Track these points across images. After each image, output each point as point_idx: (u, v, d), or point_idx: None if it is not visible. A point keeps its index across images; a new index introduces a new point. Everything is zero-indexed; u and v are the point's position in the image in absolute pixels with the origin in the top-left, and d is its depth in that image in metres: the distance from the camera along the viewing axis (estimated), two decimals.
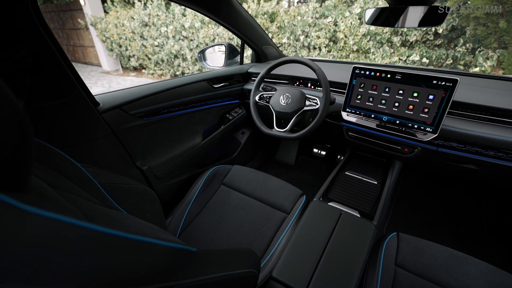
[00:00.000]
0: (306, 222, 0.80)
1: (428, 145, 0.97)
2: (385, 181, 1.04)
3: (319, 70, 1.01)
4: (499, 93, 0.94)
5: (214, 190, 1.08)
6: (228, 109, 1.47)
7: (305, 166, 1.89)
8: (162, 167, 1.13)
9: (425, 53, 3.72)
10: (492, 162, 0.89)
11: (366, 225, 0.78)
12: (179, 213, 0.97)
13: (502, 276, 0.70)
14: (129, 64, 6.95)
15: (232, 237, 0.90)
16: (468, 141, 0.89)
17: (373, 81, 1.00)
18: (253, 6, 4.63)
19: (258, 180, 1.08)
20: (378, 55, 4.02)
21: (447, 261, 0.74)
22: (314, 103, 1.06)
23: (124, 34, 6.30)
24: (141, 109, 0.99)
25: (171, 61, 6.01)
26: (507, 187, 1.19)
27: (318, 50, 4.46)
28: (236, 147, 1.63)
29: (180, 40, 5.65)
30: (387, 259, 0.76)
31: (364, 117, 1.05)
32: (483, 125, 0.89)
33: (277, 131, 1.09)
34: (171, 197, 1.24)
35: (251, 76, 1.49)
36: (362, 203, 0.91)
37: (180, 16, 5.46)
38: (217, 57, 1.65)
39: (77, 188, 0.47)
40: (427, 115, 0.91)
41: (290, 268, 0.66)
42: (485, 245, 1.26)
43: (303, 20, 4.38)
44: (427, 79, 0.88)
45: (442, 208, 1.47)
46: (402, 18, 0.86)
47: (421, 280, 0.72)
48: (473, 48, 3.51)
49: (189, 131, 1.25)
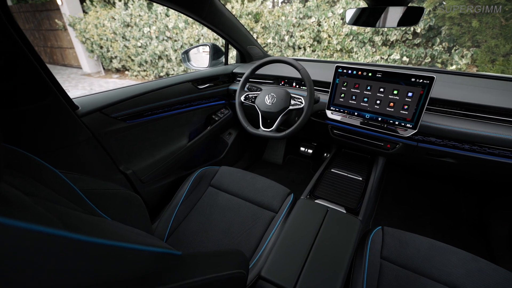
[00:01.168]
0: (294, 220, 0.81)
1: (409, 141, 1.00)
2: (370, 177, 1.06)
3: (303, 70, 1.02)
4: (473, 90, 0.99)
5: (201, 192, 1.06)
6: (214, 110, 1.46)
7: (293, 165, 1.91)
8: (147, 171, 1.11)
9: (405, 52, 3.86)
10: (468, 155, 0.93)
11: (352, 221, 0.80)
12: (166, 216, 0.95)
13: (479, 263, 0.73)
14: (111, 65, 6.75)
15: (221, 238, 0.89)
16: (445, 136, 0.93)
17: (355, 80, 1.02)
18: (237, 6, 4.62)
19: (245, 180, 1.08)
20: (360, 54, 4.12)
21: (429, 251, 0.77)
22: (299, 102, 1.07)
23: (105, 34, 6.11)
24: (123, 112, 0.96)
25: (155, 62, 5.89)
26: (482, 179, 1.25)
27: (303, 49, 4.51)
28: (223, 148, 1.62)
29: (164, 40, 5.55)
30: (373, 252, 0.78)
31: (348, 115, 1.08)
32: (459, 120, 0.93)
33: (263, 131, 1.09)
34: (158, 201, 1.21)
35: (236, 76, 1.48)
36: (347, 199, 0.93)
37: (163, 16, 5.37)
38: (201, 57, 1.63)
39: (56, 196, 0.45)
40: (407, 111, 0.94)
41: (278, 267, 0.66)
42: (464, 234, 1.32)
43: (287, 20, 4.42)
44: (405, 77, 0.91)
45: (425, 201, 1.53)
46: (381, 18, 0.88)
47: (405, 271, 0.74)
48: (449, 47, 3.67)
49: (175, 133, 1.23)
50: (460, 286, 0.70)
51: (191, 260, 0.43)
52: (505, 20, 3.02)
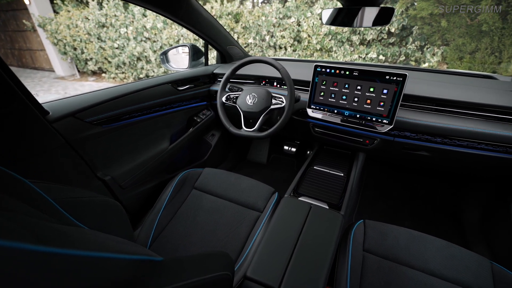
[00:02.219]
0: (278, 218, 0.81)
1: (386, 136, 1.04)
2: (350, 173, 1.09)
3: (282, 69, 1.03)
4: (443, 86, 1.05)
5: (185, 195, 1.05)
6: (196, 111, 1.44)
7: (277, 164, 1.93)
8: (127, 176, 1.07)
9: (381, 51, 4.01)
10: (440, 148, 0.98)
11: (334, 216, 0.82)
12: (149, 222, 0.93)
13: (453, 249, 0.78)
14: (87, 68, 6.47)
15: (206, 241, 0.88)
16: (419, 130, 0.98)
17: (333, 78, 1.05)
18: (217, 6, 4.59)
19: (230, 181, 1.07)
20: (340, 53, 4.23)
21: (408, 241, 0.81)
22: (280, 101, 1.08)
23: (79, 36, 5.84)
24: (99, 116, 0.92)
25: (133, 64, 5.71)
26: (454, 171, 1.32)
27: (284, 49, 4.56)
28: (207, 150, 1.60)
29: (142, 41, 5.40)
30: (356, 245, 0.80)
31: (328, 113, 1.10)
32: (431, 115, 0.98)
33: (246, 131, 1.09)
34: (140, 207, 1.18)
35: (217, 77, 1.47)
36: (330, 195, 0.95)
37: (140, 17, 5.22)
38: (181, 58, 1.60)
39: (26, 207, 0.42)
40: (383, 108, 0.98)
41: (264, 266, 0.67)
42: (440, 223, 1.40)
43: (267, 20, 4.45)
44: (380, 74, 0.95)
45: (404, 193, 1.60)
46: (356, 18, 0.91)
47: (386, 261, 0.77)
48: (421, 45, 3.86)
49: (155, 136, 1.20)
50: (436, 272, 0.73)
51: (173, 265, 0.42)
52: (470, 20, 3.22)
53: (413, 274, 0.74)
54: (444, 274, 0.73)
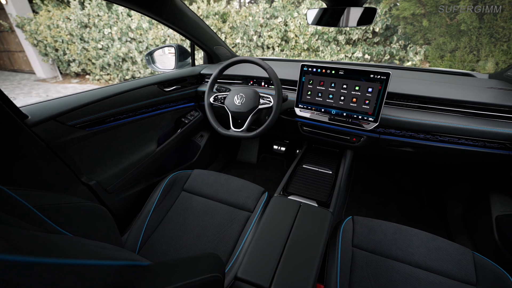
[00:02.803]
0: (268, 218, 0.82)
1: (372, 133, 1.06)
2: (339, 170, 1.11)
3: (269, 69, 1.04)
4: (426, 83, 1.08)
5: (174, 197, 1.03)
6: (183, 112, 1.42)
7: (267, 163, 1.93)
8: (113, 180, 1.04)
9: (366, 50, 4.10)
10: (423, 143, 1.02)
11: (323, 213, 0.83)
12: (137, 226, 0.91)
13: (437, 242, 0.81)
14: (70, 69, 6.26)
15: (197, 243, 0.87)
16: (403, 127, 1.01)
17: (320, 78, 1.06)
18: (203, 6, 4.55)
19: (219, 182, 1.07)
20: (326, 52, 4.29)
21: (394, 235, 0.83)
22: (268, 101, 1.09)
23: (60, 36, 5.64)
24: (82, 119, 0.89)
25: (119, 65, 5.58)
26: (437, 166, 1.37)
27: (271, 49, 4.58)
28: (196, 151, 1.59)
29: (127, 42, 5.28)
30: (345, 241, 0.81)
31: (316, 112, 1.11)
32: (414, 112, 1.01)
33: (234, 131, 1.09)
34: (127, 211, 1.15)
35: (204, 77, 1.46)
36: (319, 193, 0.96)
37: (125, 17, 5.10)
38: (167, 59, 1.58)
39: (5, 216, 0.40)
40: (368, 106, 1.00)
41: (254, 266, 0.67)
42: (424, 217, 1.44)
43: (254, 20, 4.45)
44: (365, 73, 0.97)
45: (391, 188, 1.64)
46: (340, 18, 0.92)
47: (374, 256, 0.79)
48: (404, 44, 3.97)
49: (142, 139, 1.18)
50: (421, 264, 0.76)
51: (160, 269, 0.41)
52: (450, 20, 3.34)
53: (400, 267, 0.76)
54: (430, 265, 0.75)
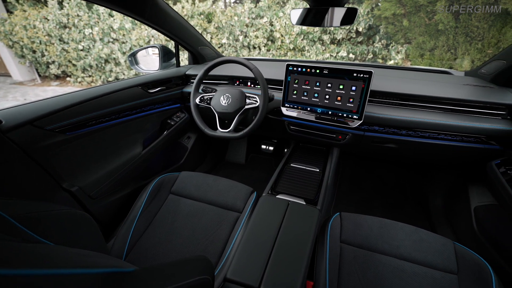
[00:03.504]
0: (256, 218, 0.82)
1: (356, 131, 1.09)
2: (325, 168, 1.13)
3: (255, 69, 1.04)
4: (406, 81, 1.12)
5: (161, 200, 1.01)
6: (169, 114, 1.40)
7: (256, 163, 1.93)
8: (97, 185, 1.01)
9: (350, 49, 4.18)
10: (405, 139, 1.05)
11: (311, 211, 0.84)
12: (124, 232, 0.89)
13: (420, 234, 0.84)
14: (49, 72, 6.01)
15: (185, 246, 0.86)
16: (386, 124, 1.04)
17: (305, 77, 1.07)
18: (188, 6, 4.50)
19: (207, 184, 1.06)
20: (312, 52, 4.35)
21: (380, 229, 0.85)
22: (254, 101, 1.09)
23: (38, 37, 5.40)
24: (62, 123, 0.86)
25: (101, 66, 5.41)
26: (420, 161, 1.42)
27: (258, 49, 4.59)
28: (183, 153, 1.56)
29: (109, 43, 5.13)
30: (333, 238, 0.83)
31: (302, 111, 1.13)
32: (396, 109, 1.04)
33: (221, 132, 1.08)
34: (113, 216, 1.12)
35: (190, 78, 1.44)
36: (306, 191, 0.97)
37: (106, 17, 4.95)
38: (151, 60, 1.55)
39: None
40: (353, 104, 1.02)
41: (243, 266, 0.67)
42: (408, 210, 1.49)
43: (240, 20, 4.45)
44: (348, 72, 0.99)
45: (377, 184, 1.68)
46: (323, 18, 0.94)
47: (362, 250, 0.81)
48: (387, 44, 4.09)
49: (126, 142, 1.15)
50: (406, 256, 0.78)
51: (146, 274, 0.41)
52: (428, 20, 3.47)
53: (386, 260, 0.78)
54: (414, 257, 0.78)
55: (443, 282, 0.72)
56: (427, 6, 3.39)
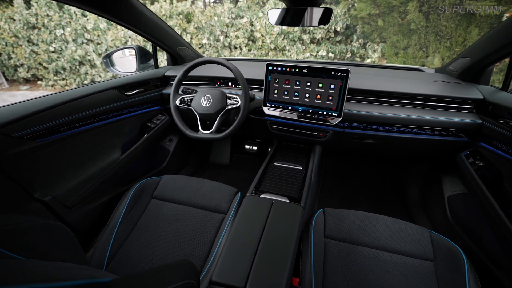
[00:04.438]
0: (241, 218, 0.82)
1: (336, 128, 1.12)
2: (308, 165, 1.15)
3: (235, 69, 1.04)
4: (382, 79, 1.16)
5: (143, 206, 0.98)
6: (149, 116, 1.36)
7: (240, 164, 1.93)
8: (72, 193, 0.96)
9: (330, 49, 4.28)
10: (382, 135, 1.09)
11: (295, 208, 0.85)
12: (104, 240, 0.85)
13: (399, 224, 0.87)
14: (17, 75, 5.64)
15: (170, 251, 0.84)
16: (364, 120, 1.07)
17: (285, 76, 1.08)
18: (166, 6, 4.40)
19: (191, 186, 1.04)
20: (293, 52, 4.41)
21: (361, 223, 0.88)
22: (235, 101, 1.08)
23: (3, 38, 5.06)
24: (31, 129, 0.81)
25: (75, 69, 5.17)
26: (397, 156, 1.48)
27: (239, 49, 4.58)
28: (165, 156, 1.53)
29: (83, 44, 4.91)
30: (317, 234, 0.84)
31: (283, 110, 1.14)
32: (373, 106, 1.08)
33: (203, 134, 1.07)
34: (92, 225, 1.07)
35: (169, 80, 1.41)
36: (290, 189, 0.98)
37: (79, 16, 4.73)
38: (128, 61, 1.50)
39: None
40: (332, 102, 1.04)
41: (229, 268, 0.66)
42: (389, 202, 1.55)
43: (220, 20, 4.41)
44: (327, 71, 1.01)
45: (359, 179, 1.73)
46: (299, 18, 0.95)
47: (345, 244, 0.83)
48: (364, 43, 4.23)
49: (104, 147, 1.11)
50: (386, 246, 0.81)
51: (125, 283, 0.39)
52: (401, 19, 3.63)
53: (368, 252, 0.81)
54: (393, 247, 0.81)
55: (421, 269, 0.76)
56: (399, 7, 3.54)
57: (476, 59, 1.03)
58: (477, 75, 1.09)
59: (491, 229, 0.88)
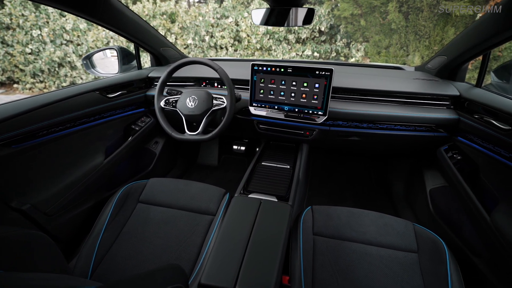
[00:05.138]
0: (229, 219, 0.81)
1: (322, 126, 1.13)
2: (295, 164, 1.16)
3: (220, 69, 1.03)
4: (365, 77, 1.19)
5: (129, 211, 0.96)
6: (133, 119, 1.33)
7: (229, 164, 1.92)
8: (53, 201, 0.93)
9: (315, 48, 4.34)
10: (367, 132, 1.12)
11: (283, 207, 0.86)
12: (88, 247, 0.82)
13: (384, 219, 0.90)
14: None
15: (159, 256, 0.83)
16: (349, 118, 1.10)
17: (271, 76, 1.09)
18: (149, 6, 4.31)
19: (179, 189, 1.03)
20: (279, 51, 4.43)
21: (348, 218, 0.90)
22: (221, 101, 1.08)
23: None
24: (6, 135, 0.77)
25: (54, 71, 4.96)
26: (382, 152, 1.52)
27: (225, 49, 4.55)
28: (151, 159, 1.50)
29: (62, 45, 4.72)
30: (306, 231, 0.85)
31: (270, 109, 1.14)
32: (357, 104, 1.11)
33: (190, 135, 1.06)
34: (75, 233, 1.04)
35: (153, 81, 1.38)
36: (278, 188, 0.99)
37: (57, 17, 4.55)
38: (110, 63, 1.46)
39: None
40: (317, 101, 1.06)
41: (218, 270, 0.66)
42: (374, 198, 1.59)
43: (205, 20, 4.37)
44: (311, 70, 1.02)
45: (345, 177, 1.77)
46: (282, 18, 0.96)
47: (333, 240, 0.84)
48: (347, 42, 4.32)
49: (86, 151, 1.07)
50: (372, 241, 0.83)
51: None
52: (382, 19, 3.73)
53: (355, 247, 0.82)
54: (379, 241, 0.83)
55: (405, 261, 0.78)
56: (380, 7, 3.64)
57: (451, 57, 1.08)
58: (453, 72, 1.14)
59: (470, 220, 0.93)
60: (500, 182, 0.83)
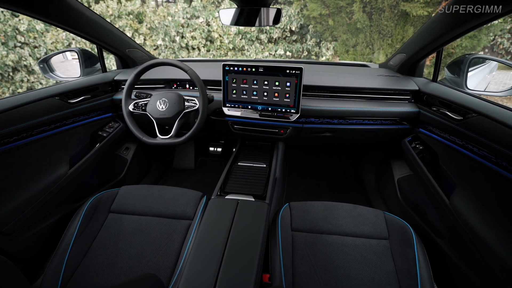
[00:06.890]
0: (206, 222, 0.80)
1: (296, 124, 1.16)
2: (272, 162, 1.17)
3: (190, 71, 1.01)
4: (334, 75, 1.24)
5: (100, 222, 0.91)
6: (100, 125, 1.25)
7: (206, 166, 1.89)
8: (10, 218, 0.84)
9: (287, 48, 4.42)
10: (338, 127, 1.16)
11: (260, 206, 0.86)
12: (54, 265, 0.76)
13: (358, 210, 0.94)
14: None
15: (134, 266, 0.79)
16: (320, 115, 1.13)
17: (242, 76, 1.09)
18: (114, 5, 4.09)
19: (153, 195, 0.99)
20: (252, 51, 4.45)
21: (325, 212, 0.93)
22: (193, 103, 1.06)
23: None
24: None
25: (8, 76, 4.53)
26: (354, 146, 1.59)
27: (197, 50, 4.47)
28: (123, 166, 1.43)
29: (16, 47, 4.32)
30: (284, 228, 0.87)
31: (243, 109, 1.14)
32: (327, 101, 1.14)
33: (162, 139, 1.02)
34: (39, 251, 0.96)
35: (120, 84, 1.32)
36: (255, 187, 0.99)
37: (8, 17, 4.15)
38: (71, 66, 1.36)
39: None
40: (289, 99, 1.08)
41: (196, 274, 0.65)
42: (349, 190, 1.66)
43: (174, 20, 4.26)
44: (282, 69, 1.04)
45: (321, 172, 1.82)
46: (250, 18, 0.96)
47: (311, 234, 0.87)
48: (317, 41, 4.45)
49: (46, 162, 0.99)
50: (348, 232, 0.87)
51: None
52: (349, 19, 3.90)
53: (332, 239, 0.85)
54: (354, 231, 0.87)
55: (378, 248, 0.83)
56: (346, 7, 3.81)
57: (410, 55, 1.16)
58: (412, 68, 1.22)
59: (433, 205, 1.00)
60: (456, 168, 0.91)
